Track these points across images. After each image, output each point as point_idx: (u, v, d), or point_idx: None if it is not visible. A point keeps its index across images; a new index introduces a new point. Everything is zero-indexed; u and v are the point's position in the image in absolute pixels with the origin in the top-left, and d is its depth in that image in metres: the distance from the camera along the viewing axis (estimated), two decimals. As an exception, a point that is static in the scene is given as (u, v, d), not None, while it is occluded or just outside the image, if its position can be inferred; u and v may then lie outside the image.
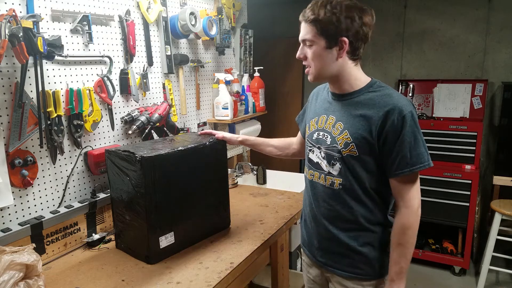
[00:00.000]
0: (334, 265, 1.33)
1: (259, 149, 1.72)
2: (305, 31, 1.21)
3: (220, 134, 1.66)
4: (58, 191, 1.58)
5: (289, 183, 2.43)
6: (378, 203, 1.26)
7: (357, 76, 1.25)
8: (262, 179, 2.55)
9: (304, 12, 1.21)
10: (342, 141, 1.23)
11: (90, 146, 1.70)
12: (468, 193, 2.86)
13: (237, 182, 2.39)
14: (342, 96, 1.28)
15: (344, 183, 1.25)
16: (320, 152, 1.30)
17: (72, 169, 1.63)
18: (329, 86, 1.34)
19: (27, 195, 1.47)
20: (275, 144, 1.69)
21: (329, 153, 1.27)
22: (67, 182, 1.61)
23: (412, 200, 1.19)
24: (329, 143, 1.27)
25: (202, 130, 1.74)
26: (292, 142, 1.65)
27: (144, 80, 1.94)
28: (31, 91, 1.42)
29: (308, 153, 1.36)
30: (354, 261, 1.28)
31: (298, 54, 1.26)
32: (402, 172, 1.17)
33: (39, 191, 1.51)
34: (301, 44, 1.25)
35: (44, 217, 1.46)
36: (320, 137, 1.30)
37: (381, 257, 1.28)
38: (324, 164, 1.29)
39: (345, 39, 1.16)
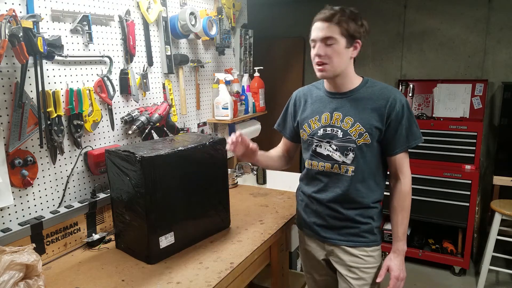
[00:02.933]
0: (339, 238, 1.49)
1: (271, 165, 1.70)
2: (328, 30, 1.34)
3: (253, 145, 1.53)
4: (58, 191, 1.58)
5: (289, 183, 2.43)
6: (379, 183, 1.48)
7: (354, 74, 1.46)
8: (262, 179, 2.55)
9: (325, 13, 1.35)
10: (355, 132, 1.40)
11: (90, 146, 1.70)
12: (468, 193, 2.86)
13: (237, 182, 2.39)
14: (343, 94, 1.45)
15: (356, 170, 1.42)
16: (330, 145, 1.45)
17: (72, 169, 1.63)
18: (327, 86, 1.49)
19: (27, 195, 1.47)
20: (275, 157, 1.71)
21: (343, 144, 1.43)
22: (67, 182, 1.61)
23: (408, 172, 1.46)
24: (341, 136, 1.42)
25: (235, 136, 1.44)
26: (280, 153, 1.71)
27: (144, 80, 1.94)
28: (31, 91, 1.42)
29: (315, 148, 1.49)
30: (359, 231, 1.47)
31: (318, 51, 1.36)
32: (401, 149, 1.41)
33: (39, 191, 1.51)
34: (319, 43, 1.36)
35: (44, 217, 1.46)
36: (329, 132, 1.45)
37: (379, 227, 1.51)
38: (337, 155, 1.44)
39: (359, 41, 1.38)
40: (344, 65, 1.39)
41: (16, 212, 1.43)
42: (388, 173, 1.52)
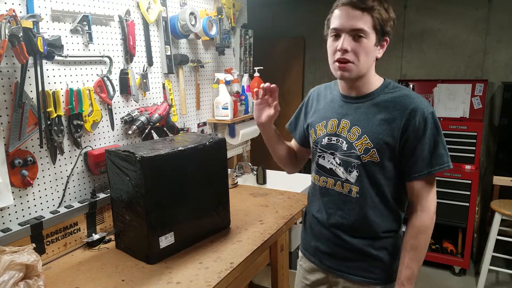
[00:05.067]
0: (344, 270, 1.28)
1: (278, 147, 1.45)
2: (361, 20, 1.08)
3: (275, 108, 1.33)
4: (58, 191, 1.58)
5: (289, 183, 2.43)
6: (394, 211, 1.23)
7: (375, 76, 1.22)
8: (262, 179, 2.55)
9: None
10: (361, 146, 1.18)
11: (90, 146, 1.70)
12: (468, 193, 2.86)
13: (237, 182, 2.39)
14: (357, 98, 1.22)
15: (362, 191, 1.20)
16: (334, 158, 1.24)
17: (72, 169, 1.63)
18: (341, 87, 1.26)
19: (27, 195, 1.47)
20: (289, 148, 1.49)
21: (346, 159, 1.21)
22: (67, 182, 1.61)
23: (429, 204, 1.16)
24: (345, 149, 1.21)
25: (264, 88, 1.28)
26: (291, 149, 1.51)
27: (144, 80, 1.94)
28: (31, 91, 1.42)
29: (318, 159, 1.30)
30: (368, 265, 1.24)
31: (345, 45, 1.10)
32: (421, 174, 1.14)
33: (39, 191, 1.51)
34: (346, 34, 1.10)
35: (44, 217, 1.46)
36: (333, 142, 1.24)
37: (394, 261, 1.25)
38: (340, 170, 1.23)
39: (388, 39, 1.15)
40: (369, 66, 1.16)
41: (16, 212, 1.43)
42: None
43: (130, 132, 1.82)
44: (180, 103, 2.20)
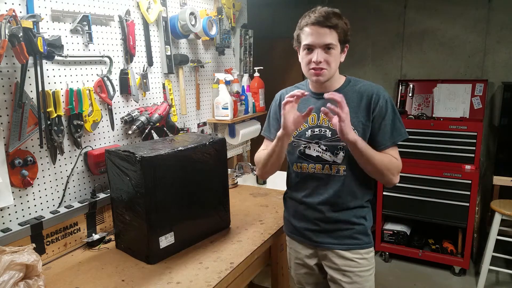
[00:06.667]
0: (333, 242, 1.45)
1: (274, 170, 1.56)
2: (330, 37, 1.32)
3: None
4: (58, 191, 1.58)
5: (289, 183, 2.43)
6: (370, 180, 1.46)
7: (339, 75, 1.46)
8: (262, 179, 2.55)
9: (324, 17, 1.31)
10: None
11: (90, 146, 1.70)
12: (468, 193, 2.86)
13: (237, 182, 2.39)
14: None
15: (349, 168, 1.40)
16: (319, 146, 1.43)
17: (72, 169, 1.63)
18: (312, 86, 1.48)
19: (27, 195, 1.47)
20: None
21: (332, 144, 1.41)
22: (67, 182, 1.61)
23: (399, 158, 1.41)
24: (330, 136, 1.41)
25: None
26: None
27: (144, 80, 1.94)
28: (31, 91, 1.42)
29: (304, 150, 1.46)
30: (352, 233, 1.44)
31: (319, 58, 1.33)
32: (387, 145, 1.39)
33: (39, 191, 1.51)
34: (319, 49, 1.33)
35: (44, 217, 1.46)
36: (317, 132, 1.43)
37: (370, 225, 1.48)
38: (327, 155, 1.42)
39: (348, 45, 1.41)
40: (337, 69, 1.40)
41: (16, 212, 1.43)
42: None
43: (130, 132, 1.83)
44: (180, 103, 2.20)
